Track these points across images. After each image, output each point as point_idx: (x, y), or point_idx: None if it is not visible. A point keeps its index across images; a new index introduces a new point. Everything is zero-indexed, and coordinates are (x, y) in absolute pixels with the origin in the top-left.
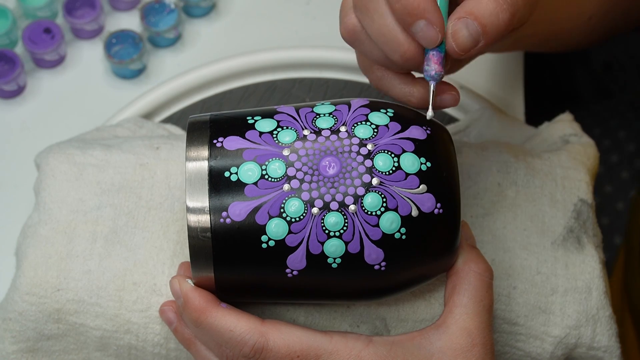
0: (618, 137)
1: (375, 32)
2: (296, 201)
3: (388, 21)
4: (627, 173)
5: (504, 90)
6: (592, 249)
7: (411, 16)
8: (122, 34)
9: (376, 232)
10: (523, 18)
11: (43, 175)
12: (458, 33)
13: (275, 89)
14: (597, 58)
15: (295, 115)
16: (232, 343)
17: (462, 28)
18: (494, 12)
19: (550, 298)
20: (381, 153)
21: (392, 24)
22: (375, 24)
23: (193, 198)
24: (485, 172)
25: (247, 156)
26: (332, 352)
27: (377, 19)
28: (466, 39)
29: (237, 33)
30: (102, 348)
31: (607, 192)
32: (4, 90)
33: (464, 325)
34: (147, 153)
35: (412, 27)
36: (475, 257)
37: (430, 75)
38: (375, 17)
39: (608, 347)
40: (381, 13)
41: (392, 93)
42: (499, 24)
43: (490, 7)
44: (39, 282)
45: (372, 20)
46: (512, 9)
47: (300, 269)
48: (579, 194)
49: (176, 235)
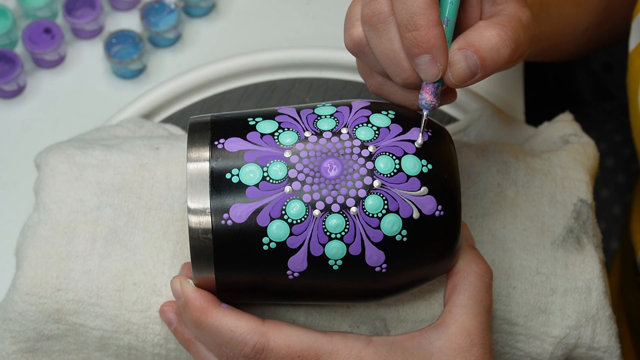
0: (614, 140)
1: (381, 53)
2: (297, 203)
3: (395, 46)
4: (624, 177)
5: (504, 90)
6: (592, 249)
7: (418, 49)
8: (122, 34)
9: (377, 234)
10: (523, 54)
11: (43, 175)
12: (456, 65)
13: (275, 89)
14: (597, 58)
15: (296, 117)
16: (233, 343)
17: (460, 60)
18: (495, 47)
19: (550, 298)
20: (382, 155)
21: (398, 49)
22: (382, 45)
23: (194, 199)
24: (485, 172)
25: (248, 158)
26: (332, 352)
27: (385, 42)
28: (464, 71)
29: (237, 33)
30: (102, 348)
31: (603, 196)
32: (4, 90)
33: (463, 325)
34: (147, 153)
35: (416, 58)
36: (476, 257)
37: (423, 105)
38: (383, 39)
39: (608, 347)
40: (390, 37)
41: (392, 99)
42: (498, 59)
43: (492, 41)
44: (39, 282)
45: (380, 42)
46: (514, 45)
47: (301, 271)
48: (579, 194)
49: (176, 236)
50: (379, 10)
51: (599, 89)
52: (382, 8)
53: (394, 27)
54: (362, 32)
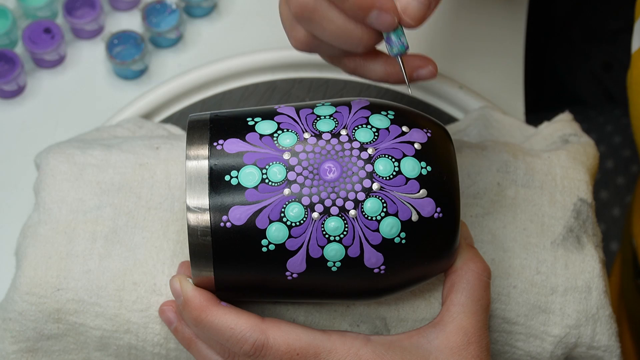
0: (614, 142)
1: (330, 37)
2: (296, 206)
3: (339, 22)
4: (623, 179)
5: (504, 90)
6: (591, 249)
7: (363, 10)
8: (123, 34)
9: (376, 236)
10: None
11: (43, 175)
12: (408, 7)
13: (275, 89)
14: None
15: (295, 117)
16: (233, 341)
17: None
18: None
19: (550, 297)
20: (382, 157)
21: (344, 24)
22: (327, 30)
23: (193, 199)
24: (485, 172)
25: (247, 159)
26: (330, 350)
27: (327, 25)
28: (417, 7)
29: (238, 33)
30: (102, 348)
31: (603, 198)
32: (4, 90)
33: (460, 323)
34: (147, 153)
35: (366, 19)
36: (474, 256)
37: (395, 53)
38: (325, 24)
39: (608, 347)
40: (329, 18)
41: (370, 77)
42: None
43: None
44: (39, 282)
45: (323, 28)
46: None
47: (300, 272)
48: (579, 193)
49: (176, 235)
50: (305, 3)
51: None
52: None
53: (327, 7)
54: (304, 30)
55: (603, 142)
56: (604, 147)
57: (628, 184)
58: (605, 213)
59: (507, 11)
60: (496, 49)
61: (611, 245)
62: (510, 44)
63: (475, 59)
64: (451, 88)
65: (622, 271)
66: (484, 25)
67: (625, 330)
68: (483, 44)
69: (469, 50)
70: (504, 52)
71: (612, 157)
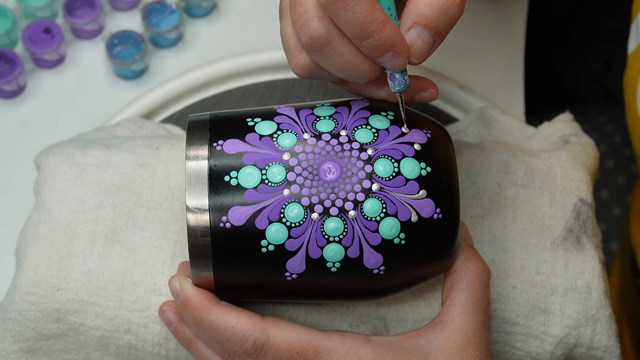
0: (614, 142)
1: (337, 69)
2: (296, 206)
3: (349, 57)
4: (624, 178)
5: (504, 90)
6: (591, 249)
7: (379, 51)
8: (123, 34)
9: (376, 237)
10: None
11: (43, 175)
12: (413, 46)
13: (275, 89)
14: (597, 58)
15: (295, 118)
16: (233, 339)
17: (415, 40)
18: (442, 8)
19: (550, 298)
20: (381, 158)
21: (354, 59)
22: (335, 63)
23: (193, 200)
24: (485, 172)
25: (247, 160)
26: (330, 350)
27: (337, 59)
28: (422, 47)
29: (238, 33)
30: (101, 348)
31: (603, 197)
32: (4, 90)
33: (460, 324)
34: (147, 153)
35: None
36: (473, 256)
37: (396, 90)
38: (334, 57)
39: (608, 347)
40: (340, 53)
41: (372, 97)
42: (449, 20)
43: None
44: (39, 281)
45: (332, 61)
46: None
47: (300, 273)
48: (579, 194)
49: (176, 235)
50: (318, 35)
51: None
52: (319, 32)
53: (340, 42)
54: (308, 58)
55: (603, 142)
56: (605, 147)
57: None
58: (606, 213)
59: (507, 11)
60: (496, 49)
61: (611, 245)
62: (510, 44)
63: (475, 59)
64: (451, 88)
65: (621, 271)
66: (484, 25)
67: (624, 329)
68: (483, 44)
69: (469, 50)
70: (504, 52)
71: (612, 157)
